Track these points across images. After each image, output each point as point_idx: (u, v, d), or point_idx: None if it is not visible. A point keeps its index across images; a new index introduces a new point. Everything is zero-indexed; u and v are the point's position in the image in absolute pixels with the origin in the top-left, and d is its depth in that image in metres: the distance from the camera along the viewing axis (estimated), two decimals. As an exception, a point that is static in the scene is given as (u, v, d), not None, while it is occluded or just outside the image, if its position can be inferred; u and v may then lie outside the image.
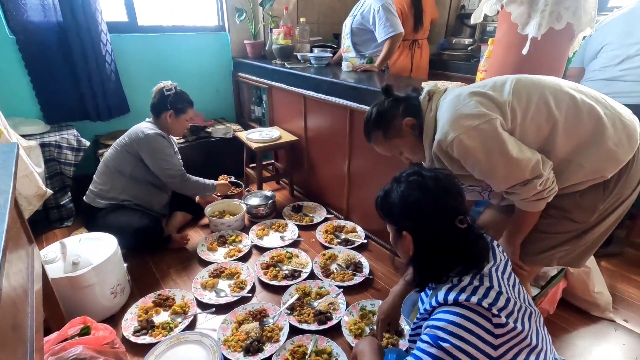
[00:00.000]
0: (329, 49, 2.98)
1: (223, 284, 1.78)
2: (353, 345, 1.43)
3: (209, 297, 1.68)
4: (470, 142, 0.96)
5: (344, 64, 2.46)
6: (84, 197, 2.00)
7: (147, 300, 1.65)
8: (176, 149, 2.17)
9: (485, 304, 0.72)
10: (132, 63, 2.64)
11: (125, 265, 1.68)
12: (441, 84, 1.69)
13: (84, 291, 1.45)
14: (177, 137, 2.22)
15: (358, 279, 1.81)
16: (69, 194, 2.29)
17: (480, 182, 1.09)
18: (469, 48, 3.14)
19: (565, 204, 1.07)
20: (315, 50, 2.91)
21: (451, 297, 0.75)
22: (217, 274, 1.82)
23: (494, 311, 0.72)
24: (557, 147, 0.99)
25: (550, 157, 0.99)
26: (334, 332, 1.52)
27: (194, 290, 1.71)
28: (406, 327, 1.50)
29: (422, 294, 0.93)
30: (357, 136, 2.05)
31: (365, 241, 2.12)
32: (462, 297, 0.74)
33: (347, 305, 1.64)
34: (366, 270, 1.87)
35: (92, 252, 1.53)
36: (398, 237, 0.86)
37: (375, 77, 2.26)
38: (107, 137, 2.58)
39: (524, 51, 1.34)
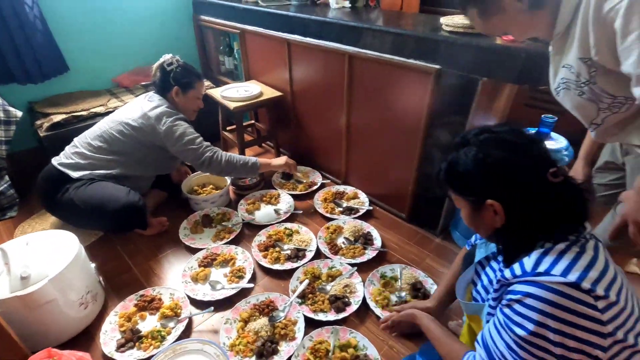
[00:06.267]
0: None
1: (217, 274, 1.52)
2: (381, 316, 1.30)
3: (204, 292, 1.42)
4: None
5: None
6: (53, 161, 1.60)
7: (128, 304, 1.36)
8: None
9: (587, 283, 0.59)
10: (59, 5, 2.07)
11: (93, 265, 1.36)
12: (447, 19, 1.38)
13: (43, 309, 1.14)
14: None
15: (370, 253, 1.61)
16: (6, 177, 1.85)
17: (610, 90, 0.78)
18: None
19: None
20: (292, -16, 2.43)
21: (543, 267, 0.63)
22: (209, 263, 1.55)
23: (599, 292, 0.59)
24: None
25: None
26: (355, 320, 1.34)
27: (183, 285, 1.44)
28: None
29: (490, 264, 0.84)
30: (357, 87, 1.73)
31: (370, 208, 1.90)
32: (558, 269, 0.62)
33: (364, 285, 1.45)
34: (377, 242, 1.67)
35: (47, 257, 1.20)
36: (478, 209, 0.74)
37: (372, 15, 1.89)
38: (45, 104, 2.08)
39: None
